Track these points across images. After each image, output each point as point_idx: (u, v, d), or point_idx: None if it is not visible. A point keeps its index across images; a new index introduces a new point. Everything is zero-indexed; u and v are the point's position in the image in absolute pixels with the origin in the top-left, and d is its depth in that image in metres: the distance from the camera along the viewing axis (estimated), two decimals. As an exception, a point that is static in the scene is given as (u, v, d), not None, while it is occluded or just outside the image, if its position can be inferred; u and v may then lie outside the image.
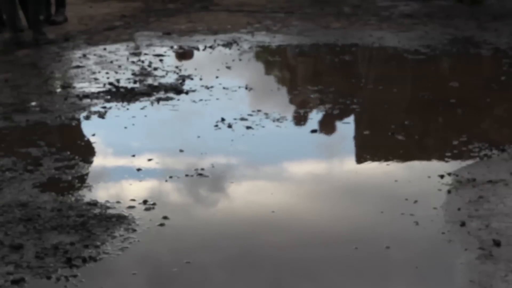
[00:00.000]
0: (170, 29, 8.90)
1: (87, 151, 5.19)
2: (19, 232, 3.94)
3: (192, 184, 4.64)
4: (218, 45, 8.16)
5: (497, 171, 4.68)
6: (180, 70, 7.13)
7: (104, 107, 6.05)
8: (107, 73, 7.03)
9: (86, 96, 6.32)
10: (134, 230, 3.99)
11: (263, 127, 5.58)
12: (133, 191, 4.51)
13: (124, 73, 7.02)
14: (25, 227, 4.00)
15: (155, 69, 7.17)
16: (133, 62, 7.41)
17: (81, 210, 4.20)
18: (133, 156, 5.05)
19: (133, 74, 7.00)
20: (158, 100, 6.24)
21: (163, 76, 6.92)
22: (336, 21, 9.24)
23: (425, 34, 8.47)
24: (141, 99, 6.26)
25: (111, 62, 7.43)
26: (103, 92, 6.45)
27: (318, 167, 4.95)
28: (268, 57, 7.91)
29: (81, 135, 5.53)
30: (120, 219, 4.10)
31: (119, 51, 7.86)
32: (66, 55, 7.72)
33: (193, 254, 3.77)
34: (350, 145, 5.37)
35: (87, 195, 4.42)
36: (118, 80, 6.77)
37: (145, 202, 4.32)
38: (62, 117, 5.81)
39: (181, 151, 5.14)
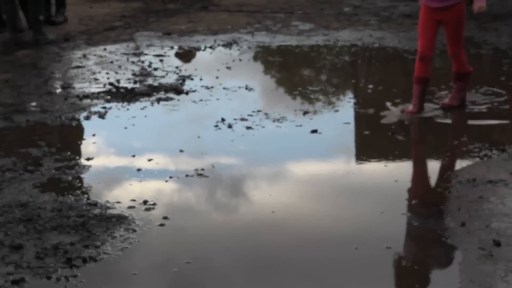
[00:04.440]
0: (170, 29, 8.90)
1: (87, 151, 5.19)
2: (19, 232, 3.94)
3: (192, 184, 4.64)
4: (218, 45, 8.17)
5: (497, 171, 4.68)
6: (180, 70, 7.14)
7: (104, 107, 6.05)
8: (107, 73, 7.04)
9: (86, 96, 6.32)
10: (134, 230, 3.99)
11: (263, 127, 5.59)
12: (133, 191, 4.51)
13: (124, 73, 7.02)
14: (25, 227, 4.00)
15: (155, 69, 7.18)
16: (133, 63, 7.41)
17: (81, 210, 4.20)
18: (133, 156, 5.05)
19: (133, 74, 7.01)
20: (158, 100, 6.24)
21: (163, 77, 6.93)
22: (336, 21, 9.24)
23: (425, 34, 8.45)
24: (141, 99, 6.27)
25: (111, 62, 7.44)
26: (103, 92, 6.45)
27: (318, 167, 4.95)
28: (268, 57, 7.91)
29: (81, 135, 5.54)
30: (120, 219, 4.11)
31: (119, 51, 7.86)
32: (66, 55, 7.73)
33: (193, 254, 3.77)
34: (350, 145, 5.36)
35: (87, 195, 4.43)
36: (118, 81, 6.77)
37: (145, 202, 4.32)
38: (62, 117, 5.82)
39: (181, 151, 5.14)
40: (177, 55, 7.86)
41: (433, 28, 5.63)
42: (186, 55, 7.87)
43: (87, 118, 5.84)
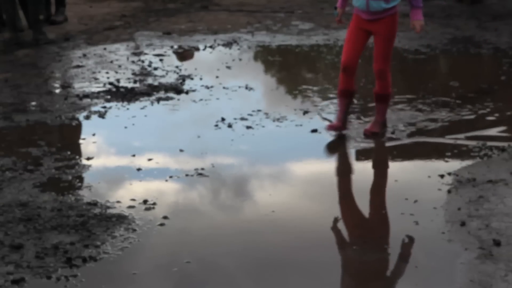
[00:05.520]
0: (170, 29, 8.90)
1: (87, 151, 5.19)
2: (19, 232, 3.94)
3: (192, 184, 4.64)
4: (218, 44, 8.17)
5: (497, 171, 4.68)
6: (180, 70, 7.14)
7: (104, 107, 6.05)
8: (107, 73, 7.04)
9: (86, 96, 6.32)
10: (134, 230, 3.99)
11: (263, 127, 5.59)
12: (133, 191, 4.51)
13: (124, 73, 7.02)
14: (25, 227, 4.00)
15: (155, 69, 7.17)
16: (133, 62, 7.41)
17: (81, 210, 4.20)
18: (133, 156, 5.05)
19: (133, 74, 7.01)
20: (158, 100, 6.24)
21: (163, 76, 6.93)
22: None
23: (425, 34, 8.46)
24: (141, 99, 6.27)
25: (111, 62, 7.44)
26: (103, 92, 6.45)
27: (318, 167, 4.94)
28: (268, 57, 7.91)
29: (81, 135, 5.53)
30: (120, 219, 4.11)
31: (119, 51, 7.86)
32: (66, 55, 7.73)
33: (194, 254, 3.77)
34: (350, 145, 5.35)
35: (87, 195, 4.43)
36: (118, 80, 6.77)
37: (145, 202, 4.32)
38: (62, 117, 5.82)
39: (181, 151, 5.14)
40: (175, 54, 7.86)
41: (362, 38, 5.25)
42: (184, 55, 7.87)
43: (87, 117, 5.84)
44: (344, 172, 4.89)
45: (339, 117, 5.42)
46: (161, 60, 7.50)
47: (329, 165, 5.05)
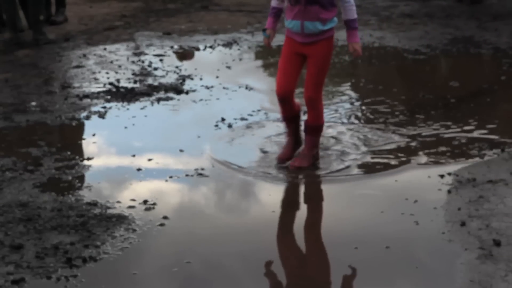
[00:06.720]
0: (170, 29, 8.90)
1: (87, 151, 5.19)
2: (19, 232, 3.94)
3: (192, 184, 4.64)
4: (218, 45, 8.17)
5: (497, 171, 4.68)
6: (180, 70, 7.14)
7: (104, 107, 6.06)
8: (107, 73, 7.04)
9: (86, 96, 6.32)
10: (134, 230, 3.99)
11: (263, 127, 5.59)
12: (133, 191, 4.52)
13: (124, 73, 7.02)
14: (25, 227, 4.00)
15: (155, 69, 7.18)
16: (133, 62, 7.41)
17: (81, 210, 4.20)
18: (133, 156, 5.05)
19: (133, 74, 7.01)
20: (158, 100, 6.24)
21: (163, 76, 6.93)
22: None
23: (425, 34, 8.47)
24: (141, 99, 6.27)
25: (111, 62, 7.44)
26: (103, 92, 6.45)
27: (318, 166, 4.93)
28: (268, 57, 7.90)
29: (81, 135, 5.53)
30: (120, 219, 4.11)
31: (119, 51, 7.86)
32: (66, 55, 7.73)
33: (194, 254, 3.77)
34: (350, 145, 5.35)
35: (87, 195, 4.42)
36: (118, 80, 6.77)
37: (145, 202, 4.32)
38: (62, 117, 5.82)
39: (181, 151, 5.14)
40: (175, 54, 7.86)
41: (297, 64, 4.76)
42: (184, 55, 7.87)
43: (87, 118, 5.84)
44: (343, 172, 4.88)
45: (289, 143, 4.96)
46: (161, 60, 7.50)
47: (329, 165, 5.03)
